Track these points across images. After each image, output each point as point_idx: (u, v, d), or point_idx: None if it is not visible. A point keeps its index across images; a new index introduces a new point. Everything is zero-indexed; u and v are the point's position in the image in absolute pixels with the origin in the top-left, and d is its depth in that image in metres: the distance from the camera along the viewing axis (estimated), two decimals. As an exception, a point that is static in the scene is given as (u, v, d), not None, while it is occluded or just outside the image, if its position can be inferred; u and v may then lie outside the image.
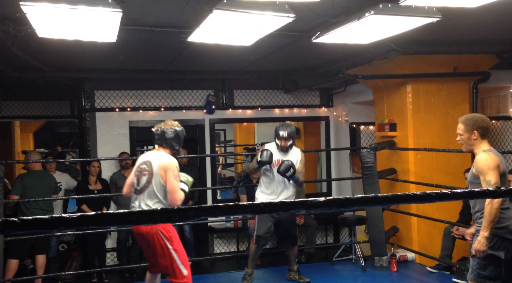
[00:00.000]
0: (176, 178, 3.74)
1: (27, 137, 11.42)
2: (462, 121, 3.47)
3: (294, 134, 4.93)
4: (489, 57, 5.71)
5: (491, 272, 3.20)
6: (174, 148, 3.89)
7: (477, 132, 3.37)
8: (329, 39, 4.07)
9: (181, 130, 3.95)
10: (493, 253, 3.18)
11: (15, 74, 5.56)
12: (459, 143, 3.53)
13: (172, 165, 3.75)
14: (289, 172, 4.70)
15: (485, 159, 3.24)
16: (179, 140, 3.92)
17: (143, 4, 3.45)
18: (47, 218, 1.06)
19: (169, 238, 3.76)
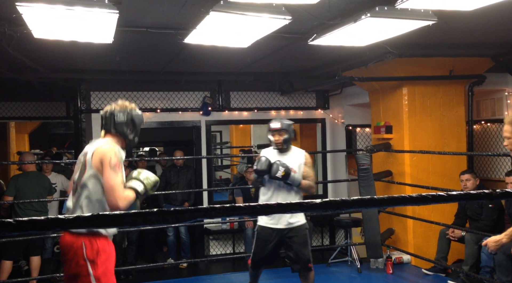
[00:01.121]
0: (114, 170, 2.68)
1: (23, 138, 11.37)
2: (508, 122, 2.95)
3: (289, 127, 4.03)
4: (485, 60, 5.74)
5: None
6: (126, 136, 2.89)
7: None
8: (325, 41, 4.08)
9: (138, 114, 2.94)
10: None
11: (10, 75, 5.54)
12: (508, 148, 2.99)
13: (109, 153, 2.72)
14: (279, 172, 3.79)
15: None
16: (134, 126, 2.91)
17: (140, 5, 3.44)
18: (42, 219, 1.06)
19: (93, 260, 2.68)
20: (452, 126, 5.93)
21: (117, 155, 2.74)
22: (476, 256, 5.01)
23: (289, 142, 4.06)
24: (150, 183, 2.84)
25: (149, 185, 2.83)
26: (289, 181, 3.85)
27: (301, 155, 4.08)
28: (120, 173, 2.73)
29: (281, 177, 3.83)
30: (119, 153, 2.77)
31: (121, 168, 2.75)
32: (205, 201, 7.01)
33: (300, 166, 4.00)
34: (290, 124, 4.07)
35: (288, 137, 4.01)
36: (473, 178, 5.18)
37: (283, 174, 3.81)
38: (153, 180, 2.87)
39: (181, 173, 6.61)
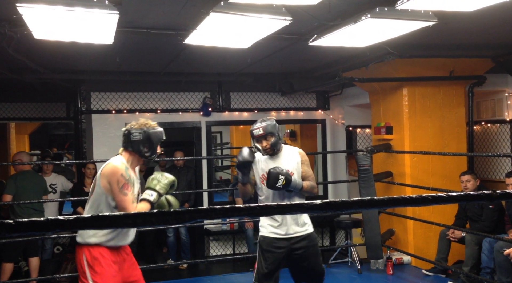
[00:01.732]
0: (122, 192, 2.84)
1: (23, 139, 11.37)
2: None
3: (274, 128, 3.43)
4: (485, 61, 5.74)
5: None
6: (142, 154, 2.98)
7: None
8: (325, 42, 4.08)
9: (155, 132, 3.01)
10: None
11: (11, 76, 5.54)
12: None
13: (116, 175, 2.84)
14: (279, 181, 3.28)
15: None
16: (151, 144, 2.99)
17: (140, 6, 3.44)
18: (42, 220, 1.05)
19: (92, 266, 2.90)
20: (453, 127, 5.93)
21: (124, 176, 2.86)
22: (476, 257, 5.00)
23: (279, 143, 3.46)
24: (163, 186, 2.95)
25: (162, 188, 2.95)
26: (290, 188, 3.33)
27: (295, 154, 3.53)
28: (130, 191, 2.88)
29: (281, 187, 3.30)
30: (125, 172, 2.88)
31: (129, 187, 2.88)
32: (205, 202, 7.01)
33: (298, 167, 3.49)
34: (273, 124, 3.45)
35: (275, 140, 3.42)
36: (473, 179, 5.17)
37: (283, 183, 3.29)
38: (166, 182, 2.97)
39: (181, 174, 6.61)
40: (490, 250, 4.82)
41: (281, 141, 3.50)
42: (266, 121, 3.46)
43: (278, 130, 3.46)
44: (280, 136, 3.47)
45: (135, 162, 3.03)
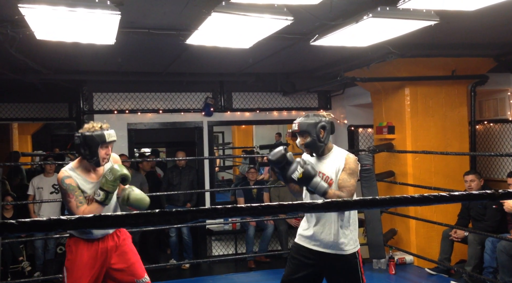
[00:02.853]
0: (65, 197, 3.06)
1: (25, 139, 11.42)
2: None
3: (313, 127, 3.03)
4: (487, 60, 5.73)
5: None
6: (84, 156, 3.10)
7: None
8: (327, 42, 4.08)
9: (90, 135, 3.08)
10: None
11: (13, 76, 5.56)
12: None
13: (59, 181, 3.06)
14: (296, 172, 2.89)
15: None
16: (89, 147, 3.07)
17: (142, 6, 3.45)
18: (45, 220, 1.06)
19: (69, 251, 3.18)
20: (455, 126, 5.92)
21: (62, 184, 3.05)
22: (479, 257, 4.99)
23: (318, 146, 3.05)
24: (110, 183, 3.05)
25: (110, 186, 3.05)
26: (310, 187, 2.93)
27: (340, 159, 3.05)
28: (72, 196, 3.05)
29: (297, 180, 2.91)
30: (64, 181, 3.05)
31: (70, 194, 3.05)
32: (207, 202, 7.01)
33: (338, 173, 3.03)
34: (314, 123, 3.03)
35: (311, 141, 3.03)
36: (477, 179, 5.15)
37: (300, 177, 2.88)
38: (111, 179, 3.05)
39: (183, 174, 6.61)
40: (493, 249, 4.81)
41: (325, 142, 3.05)
42: (309, 117, 3.08)
43: (319, 130, 3.02)
44: (320, 137, 3.02)
45: (86, 165, 3.15)
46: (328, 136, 3.07)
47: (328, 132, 3.06)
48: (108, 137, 3.11)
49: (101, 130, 3.11)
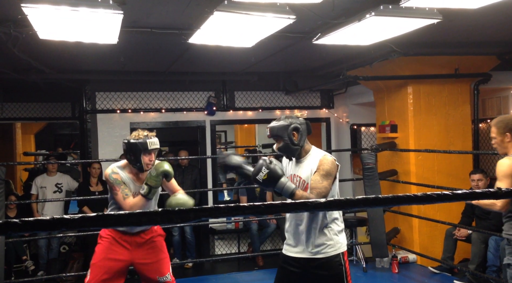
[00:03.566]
0: (112, 191, 3.30)
1: (29, 138, 11.44)
2: (494, 124, 3.32)
3: (283, 130, 2.87)
4: (490, 58, 5.71)
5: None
6: (130, 161, 3.33)
7: (510, 134, 3.22)
8: (329, 40, 4.07)
9: (134, 143, 3.28)
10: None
11: (16, 76, 5.57)
12: (494, 146, 3.36)
13: (107, 177, 3.31)
14: (261, 173, 2.71)
15: (502, 165, 3.18)
16: (134, 154, 3.28)
17: (144, 5, 3.45)
18: (48, 219, 1.06)
19: (102, 236, 3.44)
20: (458, 124, 5.90)
21: (109, 179, 3.31)
22: (482, 255, 4.98)
23: (292, 149, 2.89)
24: (154, 179, 3.24)
25: (153, 181, 3.24)
26: (276, 189, 2.74)
27: (316, 161, 2.87)
28: (119, 191, 3.30)
29: (262, 182, 2.72)
30: (111, 176, 3.30)
31: (116, 187, 3.30)
32: (210, 201, 7.02)
33: (310, 173, 2.88)
34: (284, 126, 2.87)
35: (284, 145, 2.88)
36: (484, 178, 5.12)
37: (264, 178, 2.70)
38: (154, 174, 3.24)
39: (186, 173, 6.62)
40: (496, 248, 4.80)
41: (300, 145, 2.89)
42: (280, 120, 2.93)
43: (291, 133, 2.86)
44: (293, 140, 2.86)
45: (132, 169, 3.37)
46: (303, 137, 2.91)
47: (302, 133, 2.89)
48: (150, 145, 3.28)
49: (144, 138, 3.31)
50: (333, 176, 2.84)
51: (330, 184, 2.81)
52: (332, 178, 2.83)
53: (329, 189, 2.81)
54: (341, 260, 2.92)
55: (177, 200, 3.28)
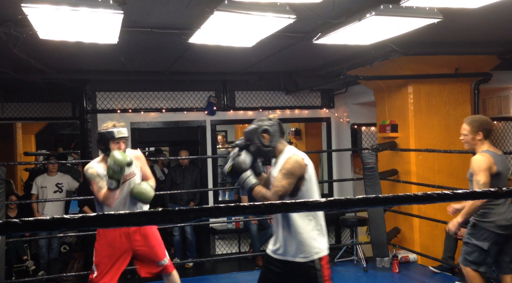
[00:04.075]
0: (92, 184, 3.59)
1: (29, 138, 11.44)
2: (468, 122, 3.69)
3: (252, 134, 2.95)
4: (491, 58, 5.70)
5: (475, 258, 3.65)
6: (102, 150, 3.69)
7: (482, 133, 3.63)
8: (330, 40, 4.07)
9: (102, 132, 3.60)
10: (477, 244, 3.62)
11: (16, 76, 5.57)
12: (462, 142, 3.76)
13: (84, 171, 3.67)
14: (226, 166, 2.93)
15: (478, 161, 3.56)
16: (102, 142, 3.60)
17: (144, 5, 3.45)
18: (48, 219, 1.06)
19: (97, 234, 3.76)
20: (458, 124, 5.82)
21: (87, 172, 3.60)
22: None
23: (264, 151, 2.95)
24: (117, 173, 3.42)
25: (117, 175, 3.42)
26: (239, 183, 2.92)
27: (282, 161, 2.91)
28: (94, 183, 3.59)
29: (226, 174, 2.95)
30: (87, 171, 3.60)
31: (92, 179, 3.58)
32: (211, 201, 7.02)
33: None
34: (255, 128, 2.95)
35: (256, 148, 2.95)
36: None
37: (229, 170, 2.89)
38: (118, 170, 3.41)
39: (186, 173, 6.62)
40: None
41: (272, 146, 2.95)
42: (253, 124, 2.99)
43: (261, 135, 2.93)
44: (263, 142, 2.93)
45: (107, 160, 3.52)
46: (275, 138, 2.94)
47: (273, 134, 2.93)
48: (117, 134, 3.54)
49: (112, 127, 3.57)
50: (295, 176, 2.83)
51: (290, 184, 2.82)
52: (294, 177, 2.83)
53: (288, 188, 2.82)
54: (315, 265, 2.84)
55: (138, 188, 3.59)
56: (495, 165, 3.54)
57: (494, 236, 3.58)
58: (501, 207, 3.60)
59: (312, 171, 2.92)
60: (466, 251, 3.71)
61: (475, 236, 3.63)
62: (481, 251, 3.62)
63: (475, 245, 3.63)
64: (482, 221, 3.60)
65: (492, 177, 3.52)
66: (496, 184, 3.54)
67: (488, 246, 3.59)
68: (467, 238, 3.71)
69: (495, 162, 3.55)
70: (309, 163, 2.89)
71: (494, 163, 3.54)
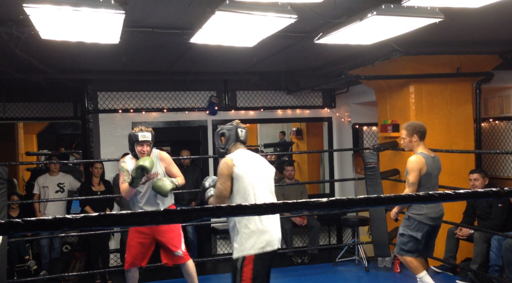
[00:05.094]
0: (120, 175, 4.20)
1: (31, 138, 11.46)
2: (404, 127, 4.27)
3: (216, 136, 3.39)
4: (492, 57, 5.69)
5: (411, 247, 4.19)
6: (130, 150, 4.23)
7: (416, 135, 4.19)
8: (331, 40, 4.07)
9: (129, 135, 4.21)
10: (412, 234, 4.14)
11: (18, 76, 5.58)
12: (402, 146, 4.41)
13: (118, 165, 4.36)
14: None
15: (410, 162, 4.14)
16: (130, 144, 4.18)
17: (146, 5, 3.45)
18: (50, 219, 1.06)
19: None
20: (460, 124, 5.89)
21: (120, 165, 4.25)
22: (485, 255, 4.97)
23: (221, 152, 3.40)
24: (133, 172, 3.98)
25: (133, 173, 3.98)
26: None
27: None
28: (121, 175, 4.19)
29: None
30: (123, 162, 4.22)
31: (121, 172, 4.19)
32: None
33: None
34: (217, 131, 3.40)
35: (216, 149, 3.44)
36: (481, 178, 5.13)
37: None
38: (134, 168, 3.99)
39: (187, 172, 6.61)
40: (499, 247, 4.79)
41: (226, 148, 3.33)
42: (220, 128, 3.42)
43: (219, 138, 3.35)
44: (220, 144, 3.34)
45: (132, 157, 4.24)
46: (229, 141, 3.28)
47: (228, 138, 3.28)
48: (141, 137, 4.09)
49: (138, 131, 4.12)
50: (224, 176, 3.09)
51: (221, 184, 3.11)
52: (222, 178, 3.10)
53: (221, 189, 3.10)
54: (237, 264, 3.04)
55: (157, 183, 4.06)
56: (426, 166, 4.08)
57: (425, 227, 4.13)
58: None
59: (245, 171, 3.09)
60: (401, 241, 4.22)
61: (410, 228, 4.16)
62: (415, 241, 4.15)
63: (410, 235, 4.15)
64: (415, 214, 4.13)
65: (422, 176, 4.09)
66: (426, 182, 4.13)
67: (421, 236, 4.13)
68: (403, 229, 4.22)
69: (426, 163, 4.09)
70: (240, 164, 3.09)
71: (425, 164, 4.08)
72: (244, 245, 3.02)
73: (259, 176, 3.15)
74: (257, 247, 3.00)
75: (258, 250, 3.00)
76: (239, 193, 3.06)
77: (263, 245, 3.01)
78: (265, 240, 3.02)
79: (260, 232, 3.02)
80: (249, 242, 2.99)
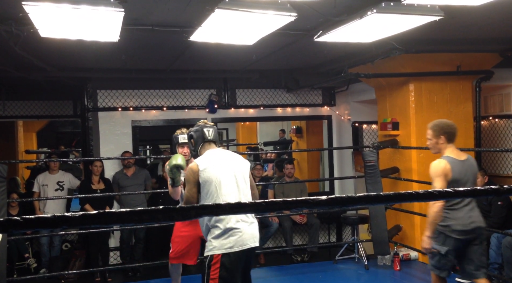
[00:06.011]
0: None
1: (30, 136, 11.46)
2: (430, 127, 3.75)
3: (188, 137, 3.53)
4: (492, 55, 5.69)
5: (436, 263, 3.65)
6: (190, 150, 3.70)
7: (443, 137, 3.67)
8: (331, 38, 4.06)
9: (173, 136, 4.23)
10: (436, 248, 3.60)
11: (18, 74, 5.57)
12: (429, 147, 3.85)
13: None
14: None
15: (431, 168, 3.63)
16: (173, 145, 4.22)
17: (145, 3, 3.45)
18: (49, 217, 1.06)
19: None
20: (460, 122, 5.87)
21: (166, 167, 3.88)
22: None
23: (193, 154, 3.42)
24: (169, 173, 3.66)
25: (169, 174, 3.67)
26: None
27: None
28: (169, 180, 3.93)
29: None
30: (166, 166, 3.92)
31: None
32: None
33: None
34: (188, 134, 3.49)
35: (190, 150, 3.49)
36: (481, 176, 5.13)
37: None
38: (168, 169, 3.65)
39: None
40: (498, 245, 4.80)
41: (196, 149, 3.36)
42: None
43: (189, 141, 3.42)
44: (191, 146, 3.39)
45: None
46: (197, 143, 3.29)
47: (196, 139, 3.29)
48: (181, 139, 4.13)
49: (178, 133, 4.19)
50: (191, 183, 3.10)
51: (188, 190, 3.11)
52: (189, 184, 3.11)
53: (188, 195, 3.10)
54: (205, 262, 3.06)
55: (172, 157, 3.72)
56: (451, 173, 3.51)
57: (452, 241, 3.54)
58: (457, 212, 3.51)
59: (212, 174, 3.08)
60: (429, 255, 3.71)
61: (435, 240, 3.59)
62: (440, 256, 3.59)
63: (435, 249, 3.62)
64: (439, 225, 3.55)
65: (449, 184, 3.51)
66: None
67: (446, 251, 3.56)
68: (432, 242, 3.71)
69: (452, 168, 3.52)
70: (206, 167, 3.08)
71: (450, 170, 3.51)
72: (212, 244, 3.04)
73: (228, 176, 3.12)
74: (225, 247, 3.01)
75: (225, 250, 3.01)
76: (207, 196, 3.08)
77: (231, 245, 3.01)
78: (233, 240, 3.02)
79: (229, 232, 3.03)
80: (217, 241, 3.02)
